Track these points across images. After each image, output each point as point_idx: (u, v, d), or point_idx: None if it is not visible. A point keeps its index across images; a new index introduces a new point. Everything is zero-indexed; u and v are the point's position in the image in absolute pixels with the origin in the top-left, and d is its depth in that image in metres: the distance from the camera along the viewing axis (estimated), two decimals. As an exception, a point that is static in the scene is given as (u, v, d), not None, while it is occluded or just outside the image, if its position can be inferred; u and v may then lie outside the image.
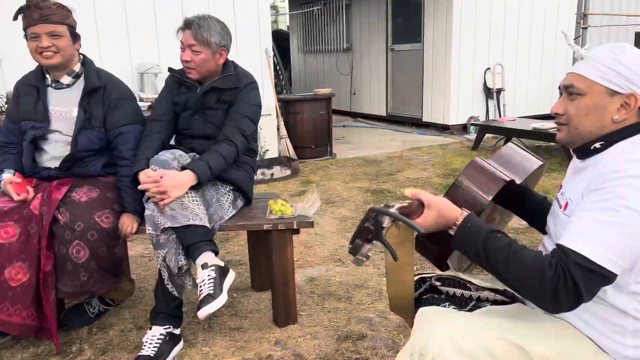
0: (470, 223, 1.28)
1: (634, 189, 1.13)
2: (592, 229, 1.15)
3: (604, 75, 1.24)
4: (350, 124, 8.94)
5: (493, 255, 1.23)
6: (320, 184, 5.05)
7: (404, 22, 8.18)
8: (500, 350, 1.24)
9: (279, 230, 2.32)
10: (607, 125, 1.26)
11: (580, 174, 1.34)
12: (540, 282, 1.16)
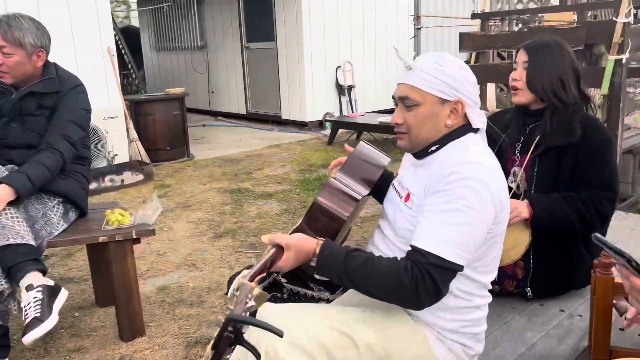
0: (327, 251, 1.34)
1: (471, 189, 1.26)
2: (441, 230, 1.26)
3: (434, 86, 1.34)
4: (210, 123, 8.78)
5: (354, 274, 1.30)
6: (176, 187, 4.90)
7: (257, 21, 8.23)
8: (331, 341, 1.32)
9: (117, 241, 2.21)
10: (441, 131, 1.38)
11: (418, 169, 1.45)
12: (400, 287, 1.25)
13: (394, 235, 1.47)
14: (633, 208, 3.66)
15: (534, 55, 1.92)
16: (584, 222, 1.86)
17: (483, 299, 1.44)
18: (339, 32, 7.84)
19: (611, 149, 1.92)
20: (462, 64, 1.38)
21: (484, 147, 1.40)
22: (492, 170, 1.31)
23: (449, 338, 1.41)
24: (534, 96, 1.94)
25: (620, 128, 3.00)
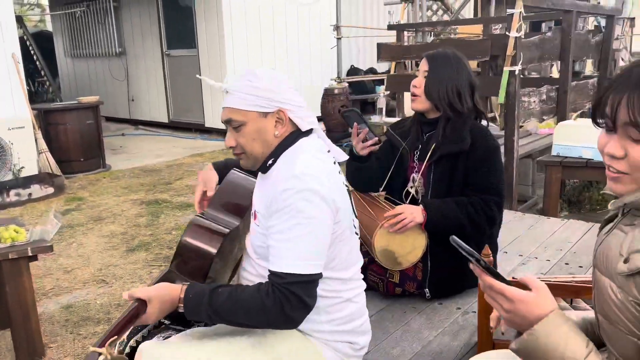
0: (191, 294, 1.33)
1: (305, 201, 1.30)
2: (290, 247, 1.30)
3: (251, 102, 1.36)
4: (130, 132, 8.49)
5: (222, 311, 1.31)
6: (90, 200, 4.70)
7: (178, 27, 8.08)
8: None
9: (11, 259, 2.09)
10: (273, 142, 1.41)
11: (263, 183, 1.47)
12: (266, 312, 1.28)
13: (254, 254, 1.49)
14: (533, 209, 3.93)
15: (433, 65, 2.02)
16: (474, 225, 1.97)
17: (352, 290, 1.49)
18: (262, 40, 7.86)
19: (498, 157, 2.05)
20: (272, 75, 1.41)
21: (315, 151, 1.42)
22: (320, 175, 1.35)
23: (332, 340, 1.45)
24: (430, 104, 2.04)
25: (516, 134, 3.22)
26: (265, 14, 7.87)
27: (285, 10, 8.11)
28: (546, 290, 0.94)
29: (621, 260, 0.92)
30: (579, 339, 0.89)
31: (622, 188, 0.94)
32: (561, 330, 0.89)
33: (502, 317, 0.96)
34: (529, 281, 0.95)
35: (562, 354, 0.87)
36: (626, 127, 0.89)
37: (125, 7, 8.71)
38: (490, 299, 0.97)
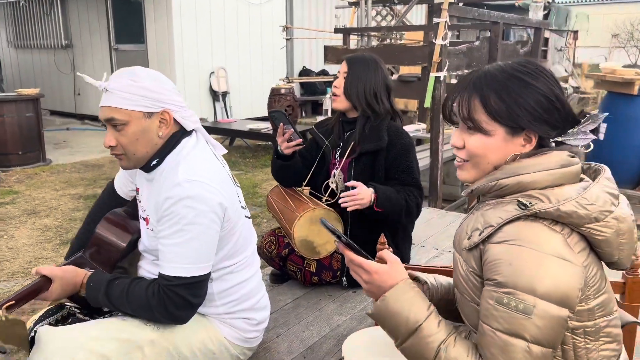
0: (91, 283, 1.41)
1: (187, 208, 1.35)
2: (176, 252, 1.37)
3: (136, 102, 1.37)
4: (75, 127, 8.31)
5: (115, 302, 1.41)
6: (26, 194, 4.61)
7: (126, 22, 7.98)
8: (112, 350, 1.38)
9: None
10: (157, 143, 1.43)
11: (149, 185, 1.51)
12: (152, 310, 1.38)
13: (150, 256, 1.56)
14: (461, 208, 4.15)
15: (352, 68, 2.16)
16: (408, 212, 2.10)
17: (244, 272, 1.58)
18: (212, 38, 7.86)
19: (414, 153, 2.20)
20: (155, 76, 1.43)
21: (197, 153, 1.45)
22: (204, 180, 1.38)
23: (228, 318, 1.56)
24: (350, 104, 2.17)
25: (441, 138, 3.41)
26: (216, 12, 7.88)
27: (237, 8, 8.14)
28: (398, 263, 1.08)
29: (466, 238, 1.06)
30: (422, 303, 1.03)
31: (465, 175, 1.09)
32: (407, 296, 1.02)
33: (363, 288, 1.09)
34: (385, 255, 1.08)
35: (407, 316, 1.01)
36: (463, 121, 1.05)
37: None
38: (354, 273, 1.09)
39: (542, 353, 0.95)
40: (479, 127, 1.04)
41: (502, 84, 1.03)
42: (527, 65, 1.05)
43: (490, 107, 1.02)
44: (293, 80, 6.87)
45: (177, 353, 1.48)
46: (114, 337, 1.41)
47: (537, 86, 1.02)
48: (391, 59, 5.46)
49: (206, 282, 1.43)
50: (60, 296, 1.41)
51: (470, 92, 1.05)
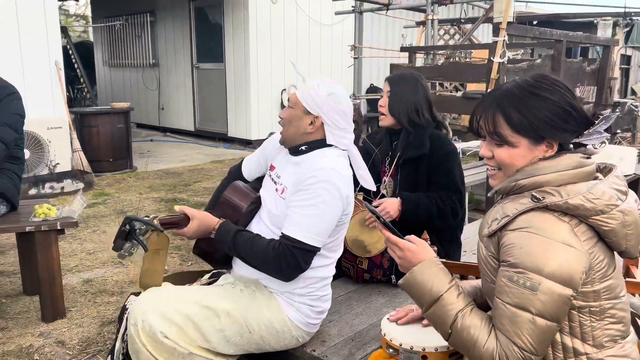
0: (223, 228, 1.76)
1: (324, 189, 1.68)
2: (302, 221, 1.68)
3: (305, 99, 1.77)
4: (158, 138, 9.02)
5: (240, 248, 1.72)
6: (115, 196, 5.15)
7: (207, 42, 8.61)
8: (195, 313, 1.69)
9: (43, 231, 2.49)
10: (303, 134, 1.79)
11: (293, 167, 1.84)
12: (267, 261, 1.68)
13: (268, 220, 1.85)
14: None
15: (394, 87, 2.37)
16: (441, 214, 2.28)
17: (330, 269, 1.87)
18: (285, 57, 8.31)
19: (455, 158, 2.37)
20: (336, 95, 1.77)
21: (340, 158, 1.80)
22: (342, 175, 1.74)
23: (297, 301, 1.80)
24: (394, 120, 2.38)
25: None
26: (290, 32, 8.33)
27: (308, 29, 8.56)
28: (425, 245, 1.28)
29: (486, 227, 1.24)
30: (444, 277, 1.22)
31: (497, 182, 1.28)
32: (432, 271, 1.22)
33: (397, 263, 1.29)
34: (413, 239, 1.29)
35: (430, 287, 1.20)
36: (489, 136, 1.23)
37: (161, 22, 9.31)
38: (390, 250, 1.30)
39: (547, 325, 1.11)
40: (505, 140, 1.20)
41: (522, 100, 1.19)
42: (542, 80, 1.22)
43: (513, 122, 1.18)
44: (359, 97, 7.12)
45: (247, 325, 1.75)
46: (196, 302, 1.70)
47: (553, 99, 1.19)
48: (456, 76, 5.59)
49: (314, 254, 1.71)
50: (195, 234, 1.74)
51: (494, 110, 1.21)
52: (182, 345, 1.66)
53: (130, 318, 1.67)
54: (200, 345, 1.70)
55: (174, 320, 1.65)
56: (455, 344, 1.20)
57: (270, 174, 1.95)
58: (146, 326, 1.63)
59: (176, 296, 1.72)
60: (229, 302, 1.75)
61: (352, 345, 1.93)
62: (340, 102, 1.79)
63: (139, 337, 1.64)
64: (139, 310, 1.66)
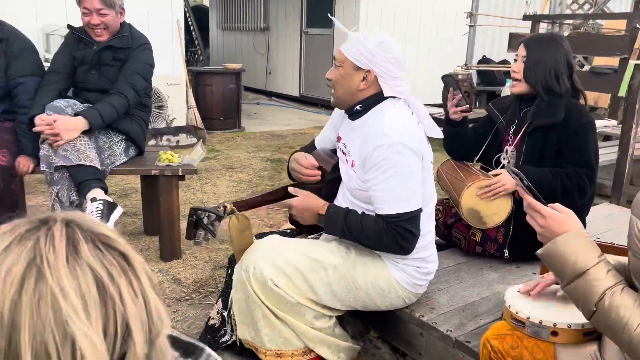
0: (332, 209, 1.73)
1: (396, 153, 1.59)
2: (393, 194, 1.62)
3: (353, 55, 1.65)
4: (264, 102, 9.26)
5: (352, 229, 1.67)
6: (225, 153, 5.38)
7: (317, 8, 8.59)
8: (303, 265, 1.70)
9: (166, 176, 2.64)
10: (355, 92, 1.69)
11: (354, 133, 1.76)
12: (382, 242, 1.65)
13: (349, 193, 1.81)
14: None
15: (531, 50, 2.16)
16: (565, 192, 2.08)
17: (429, 224, 1.79)
18: (395, 26, 8.08)
19: (591, 132, 2.14)
20: (385, 44, 1.63)
21: (398, 109, 1.67)
22: (406, 129, 1.62)
23: (401, 263, 1.75)
24: (529, 87, 2.18)
25: (634, 131, 3.15)
26: (401, 7, 8.07)
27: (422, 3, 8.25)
28: (572, 215, 1.16)
29: None
30: (593, 251, 1.10)
31: None
32: (579, 242, 1.11)
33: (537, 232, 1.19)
34: (559, 207, 1.17)
35: (575, 260, 1.09)
36: None
37: (273, -13, 9.43)
38: (530, 217, 1.20)
39: None
40: None
41: None
42: None
43: None
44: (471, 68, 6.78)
45: (353, 281, 1.74)
46: (305, 255, 1.71)
47: None
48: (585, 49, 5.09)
49: (419, 215, 1.65)
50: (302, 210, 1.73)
51: None
52: (291, 294, 1.69)
53: (242, 264, 1.72)
54: (308, 297, 1.72)
55: (284, 270, 1.68)
56: (599, 323, 1.09)
57: (338, 145, 1.87)
58: (257, 273, 1.67)
59: (287, 247, 1.75)
60: (337, 257, 1.74)
61: (462, 316, 1.85)
62: (391, 50, 1.64)
63: (250, 283, 1.69)
64: (252, 258, 1.70)
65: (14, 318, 0.53)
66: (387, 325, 1.99)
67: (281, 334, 1.72)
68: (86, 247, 0.59)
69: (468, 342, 1.69)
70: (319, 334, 1.75)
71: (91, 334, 0.55)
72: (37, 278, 0.55)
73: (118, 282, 0.58)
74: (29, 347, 0.53)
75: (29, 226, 0.60)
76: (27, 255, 0.56)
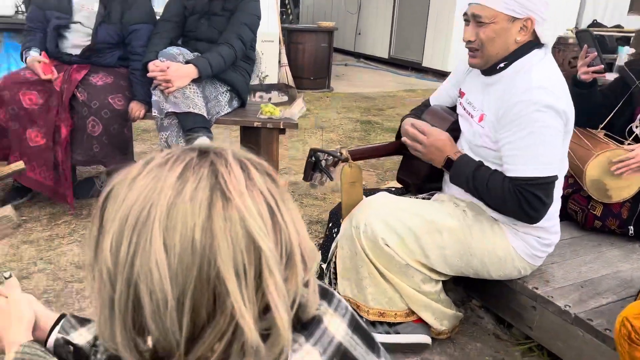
0: (463, 159, 1.61)
1: (539, 112, 1.44)
2: (528, 154, 1.47)
3: (505, 5, 1.46)
4: (352, 63, 9.11)
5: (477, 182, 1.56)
6: (315, 112, 5.36)
7: (415, -34, 8.21)
8: (418, 226, 1.62)
9: (267, 128, 2.65)
10: (510, 47, 1.53)
11: (488, 89, 1.61)
12: (505, 204, 1.52)
13: (470, 151, 1.67)
14: None
15: None
16: None
17: (558, 192, 1.61)
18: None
19: None
20: None
21: (546, 63, 1.51)
22: (555, 89, 1.46)
23: (521, 232, 1.63)
24: None
25: None
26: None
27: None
28: None
29: None
30: None
31: None
32: None
33: None
34: None
35: None
36: None
37: (369, -57, 9.11)
38: None
39: None
40: None
41: None
42: None
43: None
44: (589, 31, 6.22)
45: (468, 247, 1.65)
46: (420, 215, 1.64)
47: None
48: None
49: (554, 183, 1.51)
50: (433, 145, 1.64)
51: None
52: (401, 255, 1.63)
53: (353, 220, 1.67)
54: (418, 260, 1.65)
55: (396, 230, 1.62)
56: None
57: (460, 101, 1.73)
58: (368, 230, 1.62)
59: (400, 206, 1.67)
60: (453, 220, 1.65)
61: (582, 292, 1.72)
62: None
63: (360, 239, 1.64)
64: (363, 215, 1.65)
65: (207, 242, 0.54)
66: (494, 294, 1.89)
67: (386, 293, 1.68)
68: (257, 174, 0.60)
69: (590, 320, 1.56)
70: (424, 298, 1.69)
71: (275, 252, 0.57)
72: (223, 202, 0.56)
73: (282, 209, 0.59)
74: (230, 266, 0.54)
75: (191, 155, 0.60)
76: (207, 182, 0.57)
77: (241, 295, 0.54)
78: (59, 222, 2.55)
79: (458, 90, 1.79)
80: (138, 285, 0.55)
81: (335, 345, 0.66)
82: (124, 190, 0.58)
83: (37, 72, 2.45)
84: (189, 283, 0.54)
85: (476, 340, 1.89)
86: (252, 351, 0.56)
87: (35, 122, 2.40)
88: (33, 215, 2.59)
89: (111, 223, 0.57)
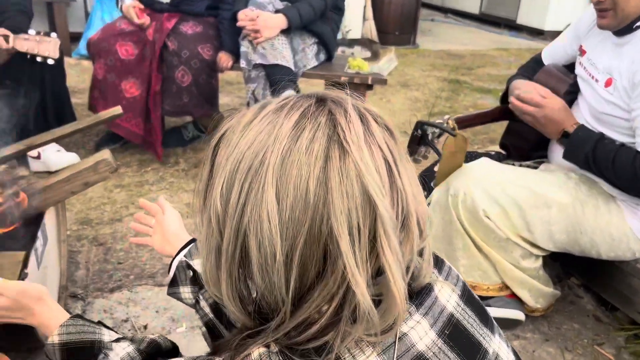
0: (580, 132, 1.43)
1: None
2: None
3: None
4: (439, 19, 8.66)
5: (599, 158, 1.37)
6: (399, 69, 5.14)
7: None
8: (523, 198, 1.46)
9: (354, 83, 2.54)
10: None
11: (619, 50, 1.41)
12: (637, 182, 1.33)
13: (590, 116, 1.47)
14: None
15: None
16: None
17: None
18: None
19: None
20: None
21: None
22: None
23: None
24: None
25: None
26: None
27: None
28: None
29: None
30: None
31: None
32: None
33: None
34: None
35: None
36: None
37: None
38: None
39: None
40: None
41: None
42: None
43: None
44: None
45: (579, 224, 1.49)
46: (528, 187, 1.49)
47: None
48: None
49: None
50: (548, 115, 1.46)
51: None
52: (502, 229, 1.50)
53: (451, 188, 1.55)
54: (520, 234, 1.51)
55: (499, 202, 1.48)
56: None
57: (580, 60, 1.51)
58: (468, 200, 1.49)
59: (505, 176, 1.52)
60: (564, 194, 1.48)
61: None
62: None
63: (457, 209, 1.52)
64: (462, 182, 1.52)
65: (321, 196, 0.51)
66: (599, 274, 1.73)
67: (480, 266, 1.57)
68: (377, 128, 0.56)
69: None
70: (522, 275, 1.56)
71: (390, 211, 0.52)
72: (340, 155, 0.52)
73: (400, 168, 0.55)
74: (344, 224, 0.51)
75: (309, 101, 0.56)
76: (324, 132, 0.53)
77: (354, 256, 0.51)
78: (148, 169, 2.63)
79: (578, 46, 1.59)
80: (247, 235, 0.53)
81: (447, 316, 0.61)
82: (237, 135, 0.55)
83: (132, 17, 2.47)
84: (300, 237, 0.51)
85: (573, 320, 1.75)
86: (364, 317, 0.52)
87: (131, 73, 2.44)
88: (125, 160, 2.68)
89: (222, 168, 0.55)
